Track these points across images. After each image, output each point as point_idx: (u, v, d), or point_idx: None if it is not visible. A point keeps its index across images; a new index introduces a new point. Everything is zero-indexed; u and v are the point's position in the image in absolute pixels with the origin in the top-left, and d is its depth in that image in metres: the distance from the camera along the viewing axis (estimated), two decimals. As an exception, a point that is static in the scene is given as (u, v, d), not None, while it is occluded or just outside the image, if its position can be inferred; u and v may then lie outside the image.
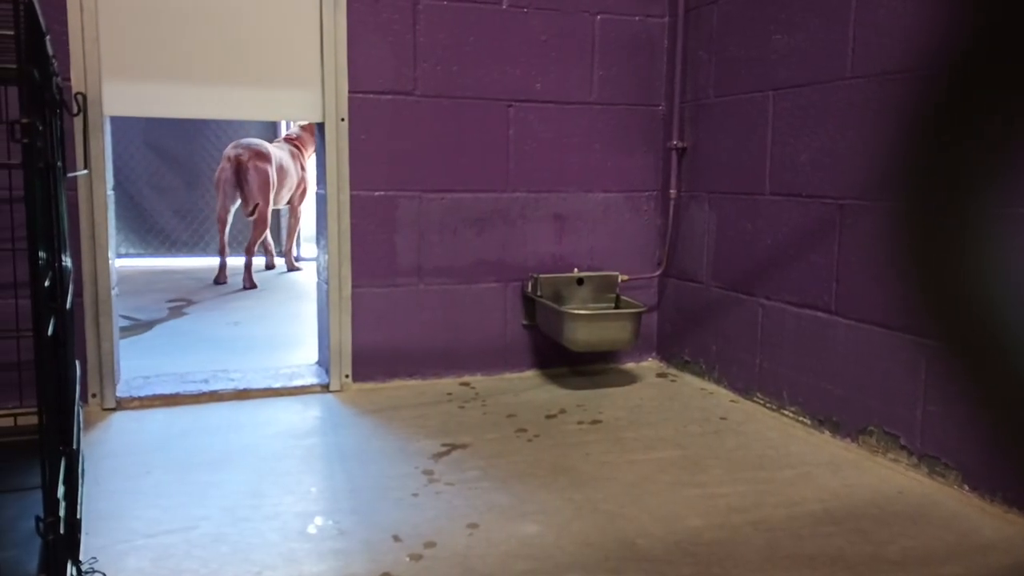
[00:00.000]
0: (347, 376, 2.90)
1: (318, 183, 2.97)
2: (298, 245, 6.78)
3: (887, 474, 2.14)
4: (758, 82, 2.69)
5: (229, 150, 5.37)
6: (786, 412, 2.62)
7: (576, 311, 2.86)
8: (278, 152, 5.61)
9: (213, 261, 5.85)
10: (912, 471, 2.14)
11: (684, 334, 3.18)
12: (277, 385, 2.87)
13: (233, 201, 5.38)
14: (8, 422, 2.15)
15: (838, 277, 2.38)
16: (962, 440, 2.01)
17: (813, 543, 1.73)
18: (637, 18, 3.12)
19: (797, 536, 1.77)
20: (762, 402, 2.73)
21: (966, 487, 2.00)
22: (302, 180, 5.94)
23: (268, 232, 6.39)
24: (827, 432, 2.44)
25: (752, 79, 2.72)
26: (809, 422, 2.52)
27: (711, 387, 2.98)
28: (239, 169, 5.29)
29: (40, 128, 1.16)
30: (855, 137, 2.30)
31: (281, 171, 5.58)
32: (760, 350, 2.73)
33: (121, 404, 2.67)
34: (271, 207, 5.51)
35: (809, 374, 2.51)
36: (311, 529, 1.79)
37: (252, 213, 5.44)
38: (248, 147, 5.36)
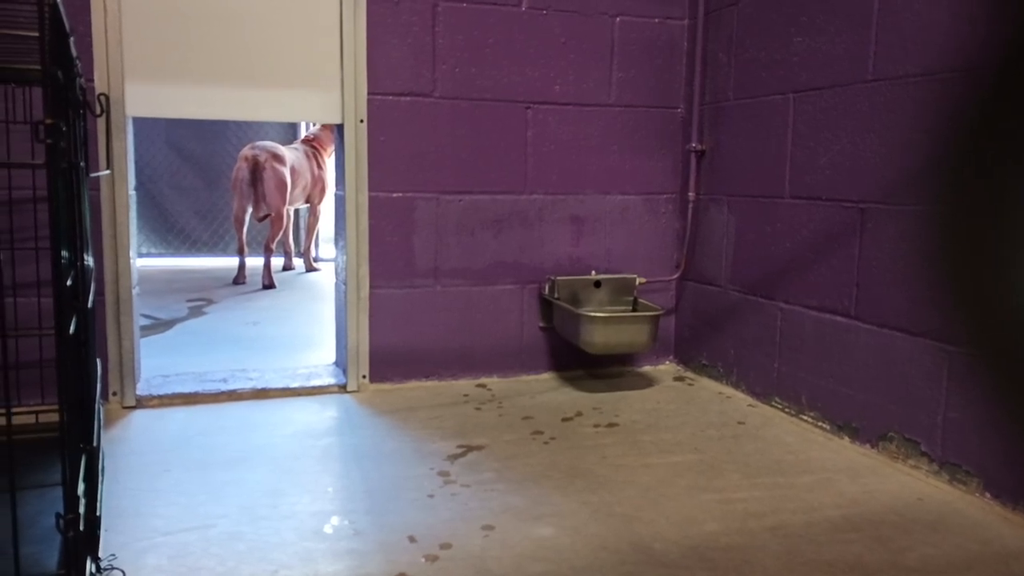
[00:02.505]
0: (364, 377, 2.91)
1: (337, 184, 2.98)
2: (317, 246, 6.82)
3: (907, 481, 2.11)
4: (778, 84, 2.67)
5: (246, 151, 5.41)
6: (805, 417, 2.60)
7: (593, 313, 2.85)
8: (291, 154, 5.67)
9: (233, 261, 5.90)
10: (932, 478, 2.11)
11: (702, 338, 3.16)
12: (295, 385, 2.88)
13: (250, 201, 5.41)
14: (30, 419, 2.17)
15: (858, 281, 2.36)
16: (984, 447, 1.99)
17: (831, 550, 1.72)
18: (657, 20, 3.11)
19: (815, 542, 1.75)
20: (780, 407, 2.71)
21: (987, 494, 1.98)
22: (319, 179, 5.98)
23: (290, 233, 6.44)
24: (846, 438, 2.42)
25: (772, 81, 2.70)
26: (828, 427, 2.50)
27: (729, 391, 2.96)
28: (256, 169, 5.33)
29: (63, 129, 1.17)
30: (876, 140, 2.28)
31: (294, 172, 5.62)
32: (779, 354, 2.71)
33: (141, 402, 2.69)
34: (286, 206, 5.55)
35: (828, 379, 2.49)
36: (327, 529, 1.79)
37: (263, 219, 5.47)
38: (265, 148, 5.41)
